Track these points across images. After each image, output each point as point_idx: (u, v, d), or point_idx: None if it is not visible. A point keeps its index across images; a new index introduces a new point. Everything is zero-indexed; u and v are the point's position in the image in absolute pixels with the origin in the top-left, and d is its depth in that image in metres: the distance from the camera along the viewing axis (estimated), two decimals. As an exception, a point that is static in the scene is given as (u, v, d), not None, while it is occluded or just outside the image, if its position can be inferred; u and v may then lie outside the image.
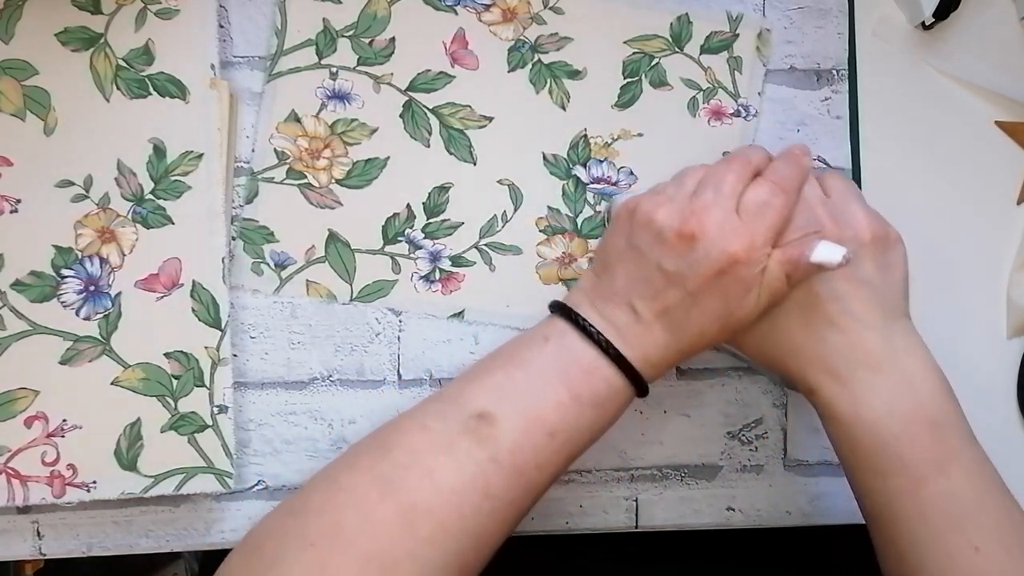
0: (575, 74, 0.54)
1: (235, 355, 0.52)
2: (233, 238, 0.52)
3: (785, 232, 0.46)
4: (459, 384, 0.46)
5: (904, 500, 0.43)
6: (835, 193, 0.48)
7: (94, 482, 0.50)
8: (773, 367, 0.48)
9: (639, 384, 0.45)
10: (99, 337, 0.50)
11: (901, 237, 0.47)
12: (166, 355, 0.50)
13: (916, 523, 0.43)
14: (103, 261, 0.50)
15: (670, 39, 0.54)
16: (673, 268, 0.44)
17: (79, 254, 0.50)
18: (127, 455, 0.50)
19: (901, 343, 0.45)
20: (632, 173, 0.54)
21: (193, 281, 0.50)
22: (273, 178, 0.53)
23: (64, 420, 0.50)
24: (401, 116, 0.53)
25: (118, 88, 0.50)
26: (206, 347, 0.51)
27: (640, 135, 0.54)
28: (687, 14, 0.54)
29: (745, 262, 0.44)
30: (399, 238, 0.53)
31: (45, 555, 0.52)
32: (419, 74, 0.53)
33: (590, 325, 0.45)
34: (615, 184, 0.54)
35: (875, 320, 0.45)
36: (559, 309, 0.47)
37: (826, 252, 0.44)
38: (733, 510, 0.56)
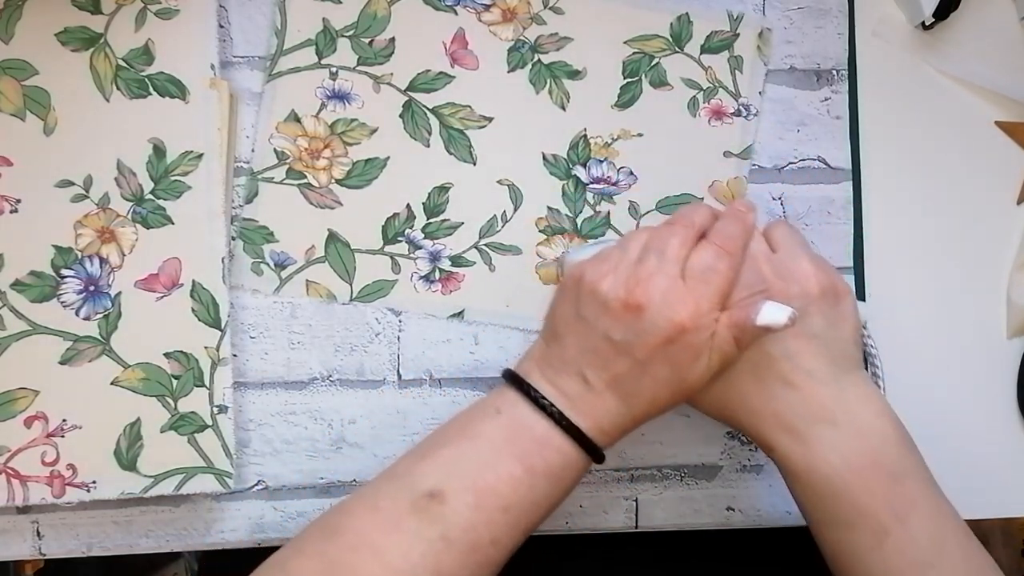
0: (575, 74, 0.54)
1: (235, 355, 0.52)
2: (233, 238, 0.52)
3: (732, 293, 0.45)
4: (409, 460, 0.45)
5: (868, 555, 0.43)
6: (781, 246, 0.47)
7: (94, 482, 0.50)
8: (730, 424, 0.48)
9: (593, 452, 0.45)
10: (99, 337, 0.50)
11: (850, 288, 0.47)
12: (166, 355, 0.50)
13: None
14: (103, 261, 0.50)
15: (670, 39, 0.54)
16: (621, 338, 0.44)
17: (79, 254, 0.50)
18: (127, 455, 0.50)
19: (854, 395, 0.45)
20: (632, 173, 0.54)
21: (193, 281, 0.50)
22: (273, 178, 0.53)
23: (64, 420, 0.50)
24: (401, 116, 0.53)
25: (118, 88, 0.50)
26: (206, 347, 0.51)
27: (640, 135, 0.54)
28: (687, 14, 0.54)
29: (692, 329, 0.43)
30: (399, 238, 0.53)
31: (45, 555, 0.52)
32: (419, 74, 0.53)
33: (542, 396, 0.45)
34: (615, 184, 0.54)
35: (826, 374, 0.45)
36: (510, 379, 0.46)
37: (772, 314, 0.43)
38: (733, 510, 0.56)
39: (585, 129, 0.54)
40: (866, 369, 0.49)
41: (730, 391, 0.46)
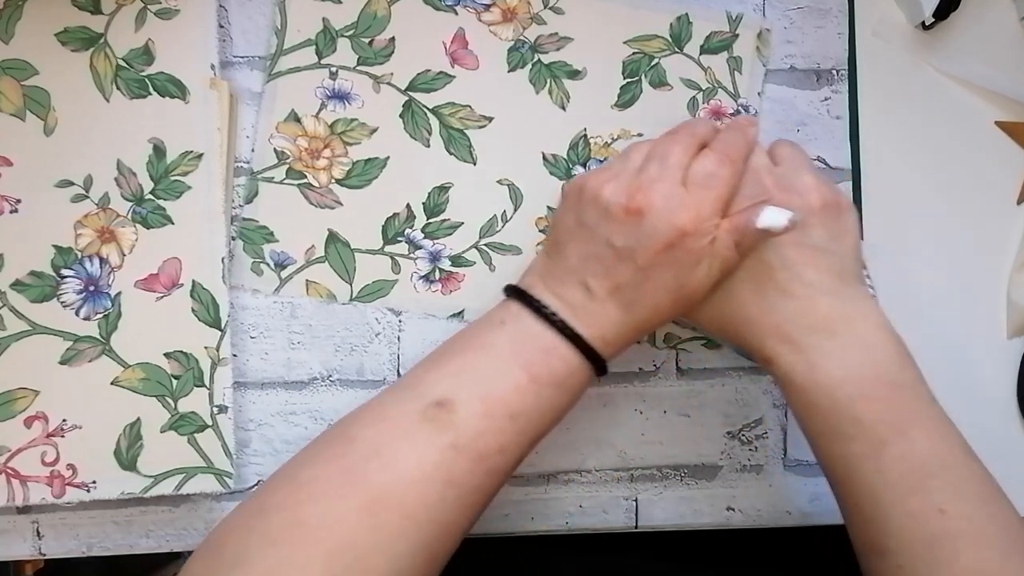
0: (575, 74, 0.54)
1: (235, 355, 0.52)
2: (233, 238, 0.52)
3: (733, 202, 0.46)
4: (417, 371, 0.46)
5: (866, 464, 0.43)
6: (784, 161, 0.48)
7: (94, 482, 0.50)
8: (729, 338, 0.48)
9: (597, 363, 0.45)
10: (99, 337, 0.50)
11: (852, 204, 0.47)
12: (166, 355, 0.50)
13: (879, 487, 0.43)
14: (103, 261, 0.50)
15: (670, 39, 0.54)
16: (623, 244, 0.44)
17: (79, 254, 0.50)
18: (127, 455, 0.50)
19: (855, 307, 0.45)
20: (632, 173, 0.54)
21: (193, 281, 0.50)
22: (273, 178, 0.53)
23: (64, 420, 0.50)
24: (401, 116, 0.53)
25: (118, 88, 0.50)
26: (206, 347, 0.51)
27: (640, 135, 0.54)
28: (687, 14, 0.54)
29: (693, 234, 0.44)
30: (399, 238, 0.53)
31: (45, 555, 0.52)
32: (419, 74, 0.53)
33: (544, 306, 0.45)
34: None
35: (828, 285, 0.45)
36: (514, 292, 0.47)
37: (772, 217, 0.44)
38: (733, 510, 0.56)
39: (585, 129, 0.54)
40: None
41: (729, 303, 0.47)
